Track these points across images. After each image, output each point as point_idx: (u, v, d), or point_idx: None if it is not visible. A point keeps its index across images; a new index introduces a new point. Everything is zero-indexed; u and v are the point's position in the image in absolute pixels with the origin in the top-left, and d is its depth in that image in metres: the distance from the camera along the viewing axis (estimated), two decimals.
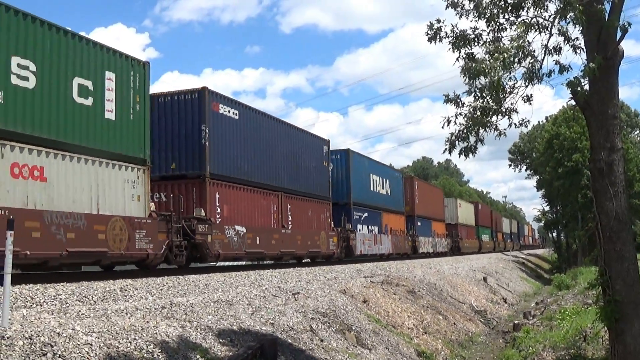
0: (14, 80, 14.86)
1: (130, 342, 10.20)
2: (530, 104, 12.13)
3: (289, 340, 14.10)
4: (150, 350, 10.24)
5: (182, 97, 22.85)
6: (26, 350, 8.62)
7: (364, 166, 38.80)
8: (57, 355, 8.81)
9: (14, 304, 11.54)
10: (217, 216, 22.51)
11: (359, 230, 36.30)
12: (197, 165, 22.21)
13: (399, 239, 43.84)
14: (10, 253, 9.55)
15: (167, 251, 19.38)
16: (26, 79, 15.20)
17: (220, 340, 12.17)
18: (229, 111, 24.10)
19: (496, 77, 11.40)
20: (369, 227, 38.28)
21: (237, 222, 23.56)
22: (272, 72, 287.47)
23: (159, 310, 12.88)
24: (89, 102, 17.06)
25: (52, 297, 12.63)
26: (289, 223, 27.84)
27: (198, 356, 10.89)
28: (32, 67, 15.37)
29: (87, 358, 9.09)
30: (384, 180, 42.17)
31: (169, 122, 22.66)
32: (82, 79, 16.91)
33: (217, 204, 22.64)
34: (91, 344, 9.51)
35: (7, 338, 8.75)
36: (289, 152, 28.55)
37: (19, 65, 15.02)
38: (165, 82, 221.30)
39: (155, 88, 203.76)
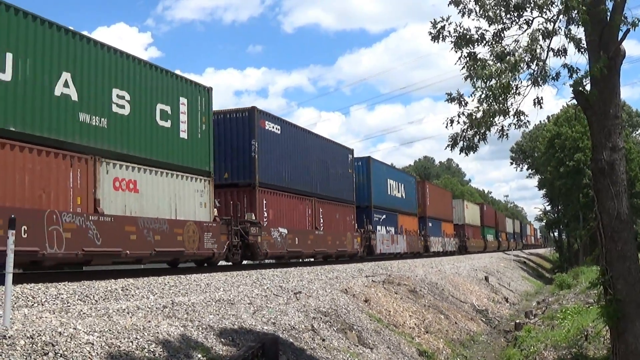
0: (114, 108, 18.15)
1: (131, 342, 10.21)
2: (542, 106, 12.16)
3: (291, 340, 14.09)
4: (152, 350, 10.25)
5: (234, 115, 25.99)
6: (28, 350, 8.63)
7: (382, 172, 42.30)
8: (59, 354, 8.81)
9: (15, 304, 11.55)
10: (264, 220, 25.60)
11: (379, 231, 39.57)
12: (248, 175, 25.31)
13: (413, 239, 46.91)
14: (12, 252, 9.55)
15: (227, 250, 22.66)
16: (123, 107, 18.47)
17: (222, 339, 12.18)
18: (273, 127, 27.33)
19: (506, 80, 11.42)
20: (387, 228, 41.52)
21: (280, 224, 26.77)
22: (274, 71, 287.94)
23: (161, 309, 12.89)
24: (168, 124, 20.47)
25: (54, 297, 12.64)
26: (321, 225, 31.14)
27: (199, 355, 10.89)
28: (127, 96, 18.63)
29: (89, 357, 9.10)
30: (400, 184, 45.60)
31: (222, 137, 25.08)
32: (163, 104, 20.27)
33: (265, 209, 25.80)
34: (93, 344, 9.51)
35: (9, 337, 8.76)
36: (320, 161, 31.76)
37: (117, 95, 18.28)
38: None
39: None
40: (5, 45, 14.91)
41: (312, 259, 31.83)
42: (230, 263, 23.81)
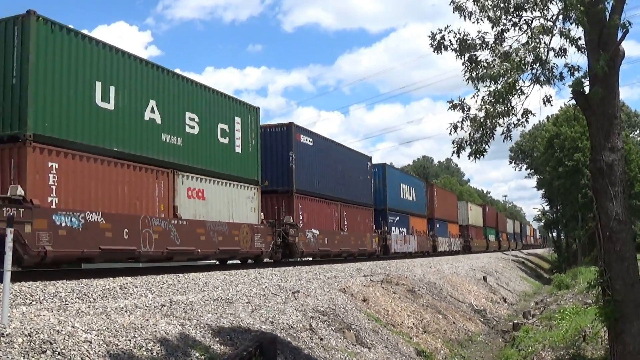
0: (187, 129, 21.36)
1: (129, 340, 10.21)
2: (552, 105, 12.17)
3: (289, 339, 14.10)
4: (150, 348, 10.25)
5: (274, 129, 29.06)
6: (25, 348, 8.63)
7: (396, 177, 46.19)
8: (57, 352, 8.81)
9: (13, 301, 11.54)
10: (300, 222, 28.71)
11: (393, 231, 42.79)
12: (286, 183, 28.46)
13: (422, 239, 50.18)
14: (10, 250, 9.55)
15: (272, 249, 25.79)
16: (193, 127, 21.66)
17: (220, 338, 12.18)
18: (306, 139, 30.52)
19: (511, 80, 11.41)
20: (400, 229, 44.83)
21: (313, 226, 29.99)
22: (274, 70, 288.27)
23: (159, 308, 12.89)
24: (226, 141, 23.66)
25: (52, 295, 12.63)
26: (345, 226, 34.32)
27: (197, 354, 10.89)
28: (196, 118, 21.86)
29: (87, 355, 9.10)
30: (411, 188, 49.10)
31: (264, 150, 27.08)
32: (223, 124, 23.54)
33: (300, 213, 28.94)
34: (90, 342, 9.51)
35: (7, 335, 8.76)
36: (344, 169, 34.88)
37: (189, 118, 21.51)
38: None
39: None
40: (110, 80, 18.02)
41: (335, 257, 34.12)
42: (272, 260, 26.81)
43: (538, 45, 11.51)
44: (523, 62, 11.47)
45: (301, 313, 16.26)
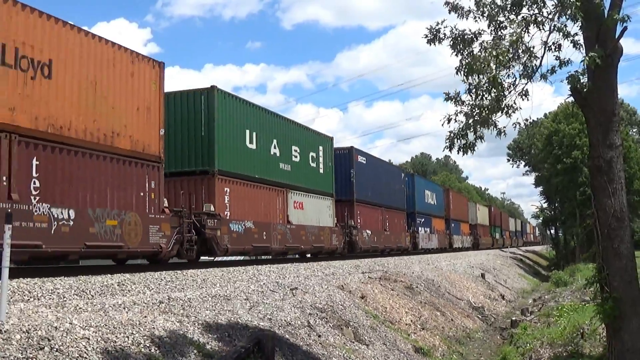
0: (293, 158, 29.01)
1: (127, 337, 10.21)
2: (528, 99, 12.14)
3: (287, 336, 14.11)
4: (148, 345, 10.25)
5: (339, 152, 36.16)
6: (23, 344, 8.62)
7: (422, 184, 54.49)
8: (54, 349, 8.80)
9: (11, 298, 11.52)
10: (359, 224, 36.34)
11: (420, 231, 50.41)
12: (349, 193, 35.90)
13: (442, 237, 58.29)
14: (8, 247, 9.54)
15: (342, 245, 33.30)
16: (296, 157, 29.42)
17: (218, 335, 12.18)
18: (362, 159, 38.47)
19: (492, 74, 11.42)
20: (425, 228, 52.54)
21: (367, 227, 37.88)
22: (273, 67, 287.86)
23: (157, 304, 12.88)
24: (314, 165, 31.50)
25: (50, 291, 12.61)
26: (387, 227, 42.48)
27: (195, 351, 10.90)
28: (298, 150, 29.58)
29: (85, 352, 9.09)
30: (432, 193, 57.29)
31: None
32: (312, 152, 31.31)
33: (358, 217, 36.53)
34: (88, 338, 9.51)
35: (5, 332, 8.75)
36: (386, 180, 43.05)
37: (294, 150, 29.20)
38: (166, 77, 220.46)
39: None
40: (252, 127, 25.53)
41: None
42: (340, 254, 34.02)
43: (522, 35, 11.50)
44: (505, 57, 11.45)
45: (299, 310, 16.27)
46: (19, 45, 15.09)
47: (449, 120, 12.48)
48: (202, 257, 22.75)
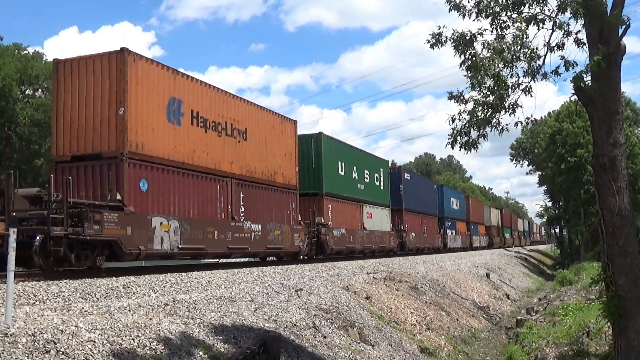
0: (365, 179, 38.20)
1: (133, 339, 10.21)
2: (531, 95, 12.14)
3: (292, 337, 14.10)
4: (153, 347, 10.25)
5: (391, 170, 45.43)
6: (29, 348, 8.63)
7: (449, 193, 64.43)
8: (60, 352, 8.81)
9: (17, 301, 11.55)
10: (406, 228, 45.70)
11: (448, 233, 60.00)
12: (399, 204, 45.17)
13: (464, 238, 67.30)
14: (13, 250, 9.56)
15: (397, 245, 42.93)
16: (367, 178, 38.60)
17: (223, 337, 12.18)
18: (407, 176, 48.60)
19: (496, 71, 11.42)
20: (451, 231, 61.95)
21: (412, 231, 47.50)
22: (277, 69, 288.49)
23: (162, 307, 12.90)
24: (377, 183, 40.74)
25: (55, 295, 12.64)
26: (425, 230, 51.63)
27: (201, 353, 10.90)
28: (368, 173, 38.92)
29: (90, 355, 9.10)
30: (456, 200, 66.91)
31: None
32: (376, 173, 40.55)
33: (406, 223, 45.97)
34: (94, 341, 9.52)
35: (11, 335, 8.76)
36: (424, 191, 53.21)
37: (366, 173, 38.42)
38: None
39: None
40: (341, 159, 34.76)
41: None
42: (395, 252, 43.15)
43: (524, 31, 11.51)
44: (509, 51, 11.45)
45: (304, 311, 16.26)
46: (233, 121, 24.52)
47: (454, 120, 12.51)
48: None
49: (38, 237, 15.73)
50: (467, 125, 12.46)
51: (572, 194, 64.22)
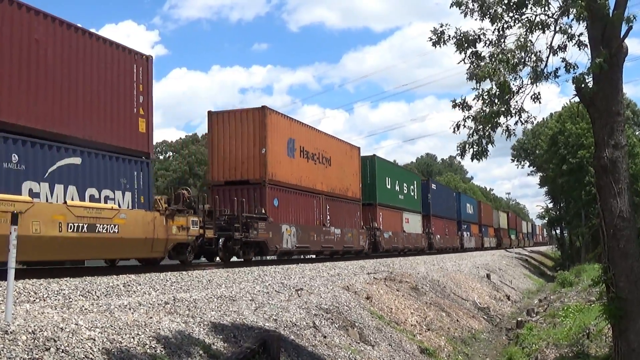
0: (404, 191, 47.93)
1: (133, 338, 10.21)
2: (540, 102, 12.15)
3: (292, 337, 14.10)
4: (153, 346, 10.25)
5: (421, 182, 54.86)
6: (29, 345, 8.63)
7: (464, 199, 73.29)
8: (60, 350, 8.81)
9: (17, 299, 11.56)
10: (433, 231, 54.65)
11: (464, 235, 69.26)
12: (427, 210, 54.27)
13: (477, 239, 76.39)
14: (14, 248, 9.56)
15: (426, 245, 51.89)
16: (405, 189, 48.28)
17: (223, 335, 12.18)
18: (433, 186, 58.38)
19: (502, 79, 11.42)
20: (466, 233, 70.95)
21: (437, 233, 56.32)
22: (280, 69, 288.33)
23: (162, 305, 12.90)
24: (412, 193, 50.38)
25: (56, 292, 12.64)
26: (447, 232, 61.14)
27: (201, 352, 10.90)
28: (405, 185, 48.56)
29: (90, 353, 9.10)
30: (470, 205, 75.86)
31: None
32: (411, 185, 50.36)
33: (432, 226, 54.87)
34: (94, 339, 9.52)
35: (11, 332, 8.76)
36: (445, 198, 62.44)
37: (404, 185, 48.12)
38: (173, 79, 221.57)
39: (163, 84, 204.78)
40: (395, 178, 45.54)
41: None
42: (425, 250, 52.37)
43: (528, 39, 11.51)
44: (513, 59, 11.46)
45: (304, 311, 16.26)
46: (321, 151, 33.26)
47: (458, 127, 12.49)
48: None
49: (221, 239, 24.39)
50: (474, 133, 12.46)
51: (573, 195, 64.18)
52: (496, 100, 12.14)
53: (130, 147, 18.59)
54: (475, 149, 12.68)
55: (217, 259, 25.29)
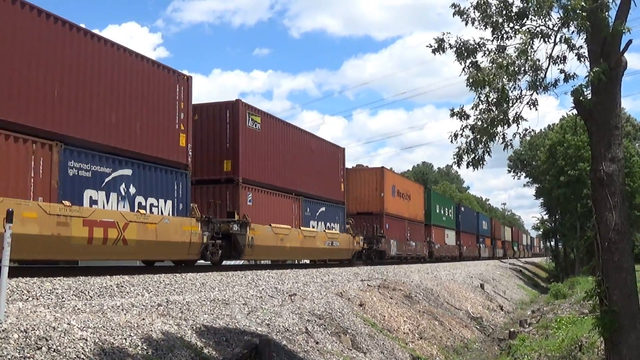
0: (446, 213, 62.16)
1: (125, 339, 10.20)
2: (536, 109, 12.14)
3: (284, 342, 14.09)
4: (145, 347, 10.24)
5: (456, 204, 71.72)
6: (21, 344, 8.61)
7: (482, 217, 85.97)
8: (52, 349, 8.79)
9: (10, 297, 11.53)
10: (461, 243, 67.09)
11: (481, 246, 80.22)
12: (458, 227, 66.32)
13: (489, 250, 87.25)
14: (9, 245, 9.54)
15: (459, 254, 66.06)
16: (447, 212, 62.33)
17: (215, 339, 12.16)
18: (463, 208, 73.01)
19: (500, 85, 11.42)
20: (482, 244, 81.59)
21: (465, 245, 68.48)
22: (280, 74, 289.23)
23: (155, 307, 12.88)
24: (450, 215, 63.91)
25: (49, 291, 12.61)
26: (470, 244, 71.89)
27: (193, 355, 10.88)
28: (447, 208, 63.10)
29: (82, 353, 9.08)
30: (485, 222, 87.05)
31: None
32: (450, 208, 64.64)
33: (461, 239, 67.37)
34: (86, 339, 9.50)
35: (3, 331, 8.74)
36: (469, 218, 74.41)
37: (446, 208, 62.53)
38: None
39: None
40: (437, 202, 59.20)
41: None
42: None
43: (528, 49, 11.51)
44: (512, 65, 11.46)
45: (297, 316, 16.25)
46: (405, 191, 46.79)
47: (456, 136, 12.47)
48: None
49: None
50: (471, 142, 12.44)
51: (569, 207, 64.27)
52: (494, 108, 12.13)
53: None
54: (471, 157, 12.66)
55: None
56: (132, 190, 18.38)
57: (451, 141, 12.54)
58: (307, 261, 35.34)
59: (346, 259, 35.18)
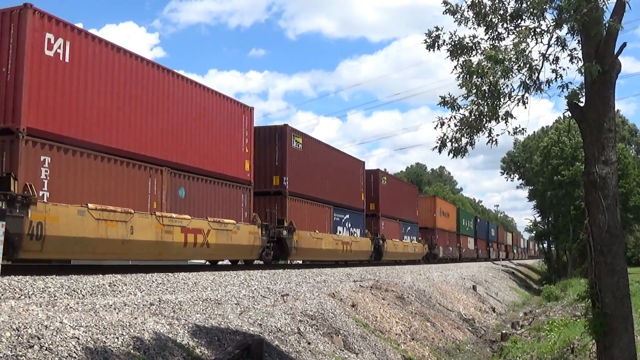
0: (469, 225, 78.16)
1: (117, 338, 10.17)
2: (525, 107, 12.12)
3: (276, 342, 14.07)
4: (137, 346, 10.22)
5: (475, 218, 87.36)
6: (13, 342, 8.58)
7: (491, 226, 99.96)
8: (44, 347, 8.77)
9: (2, 295, 11.49)
10: (477, 247, 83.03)
11: (491, 250, 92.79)
12: (475, 234, 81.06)
13: (496, 252, 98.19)
14: (1, 244, 9.51)
15: (477, 256, 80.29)
16: (468, 224, 77.72)
17: (207, 339, 12.14)
18: (479, 220, 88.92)
19: (495, 80, 11.41)
20: (492, 248, 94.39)
21: (479, 249, 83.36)
22: (276, 75, 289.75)
23: (147, 306, 12.85)
24: (471, 225, 79.09)
25: (41, 290, 12.57)
26: (482, 248, 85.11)
27: (184, 354, 10.86)
28: (469, 221, 78.92)
29: (74, 352, 9.06)
30: (495, 230, 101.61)
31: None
32: (470, 220, 79.74)
33: (478, 244, 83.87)
34: (78, 338, 9.47)
35: None
36: (482, 226, 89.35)
37: (468, 221, 78.57)
38: None
39: None
40: (463, 216, 75.53)
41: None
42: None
43: (524, 47, 11.50)
44: (508, 60, 11.45)
45: (290, 316, 16.24)
46: (447, 211, 65.22)
47: (442, 124, 12.44)
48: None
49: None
50: (457, 131, 12.42)
51: (561, 209, 64.41)
52: (483, 102, 12.09)
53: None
54: (454, 146, 12.62)
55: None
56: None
57: (435, 128, 12.49)
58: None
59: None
